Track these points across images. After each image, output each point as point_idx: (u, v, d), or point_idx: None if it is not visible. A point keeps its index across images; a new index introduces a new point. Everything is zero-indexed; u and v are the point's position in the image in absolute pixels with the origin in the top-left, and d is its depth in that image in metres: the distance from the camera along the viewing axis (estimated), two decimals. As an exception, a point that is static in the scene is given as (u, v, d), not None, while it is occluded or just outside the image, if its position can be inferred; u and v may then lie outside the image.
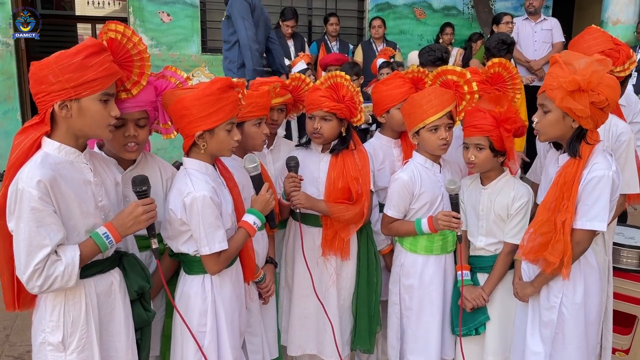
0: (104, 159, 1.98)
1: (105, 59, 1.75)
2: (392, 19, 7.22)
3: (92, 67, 1.70)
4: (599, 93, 1.97)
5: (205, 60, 6.68)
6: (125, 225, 1.82)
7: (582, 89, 1.97)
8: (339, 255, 2.60)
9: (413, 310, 2.54)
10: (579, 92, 1.98)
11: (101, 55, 1.74)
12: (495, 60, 2.71)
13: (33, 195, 1.63)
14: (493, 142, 2.34)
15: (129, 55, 1.92)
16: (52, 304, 1.78)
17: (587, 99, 1.98)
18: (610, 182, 2.06)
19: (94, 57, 1.71)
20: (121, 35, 1.88)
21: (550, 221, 2.11)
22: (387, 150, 2.79)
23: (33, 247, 1.65)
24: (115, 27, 1.88)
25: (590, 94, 1.98)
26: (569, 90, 1.98)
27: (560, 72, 2.03)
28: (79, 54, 1.69)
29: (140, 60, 1.95)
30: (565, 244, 2.07)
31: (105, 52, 1.77)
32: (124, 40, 1.90)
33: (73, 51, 1.70)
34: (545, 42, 6.28)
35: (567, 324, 2.18)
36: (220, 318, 2.05)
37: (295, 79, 2.73)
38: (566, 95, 1.99)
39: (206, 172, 2.04)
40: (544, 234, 2.13)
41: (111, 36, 1.87)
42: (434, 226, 2.43)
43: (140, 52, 1.94)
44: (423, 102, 2.38)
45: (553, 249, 2.09)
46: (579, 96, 1.99)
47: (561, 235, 2.07)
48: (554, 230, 2.09)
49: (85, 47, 1.72)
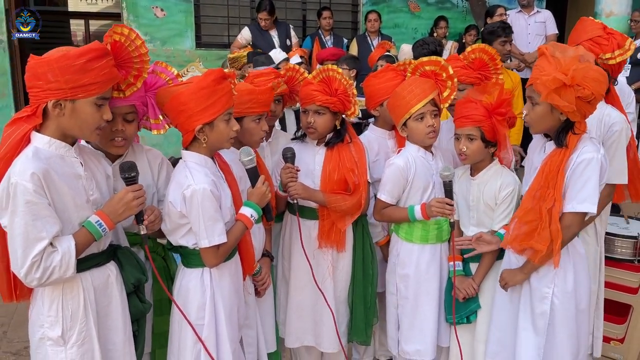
0: (94, 153, 1.98)
1: (107, 64, 1.76)
2: (387, 13, 7.21)
3: (92, 70, 1.70)
4: (584, 87, 1.99)
5: (200, 55, 6.65)
6: (117, 212, 1.83)
7: (566, 84, 1.98)
8: (335, 248, 2.61)
9: (409, 299, 2.56)
10: (564, 88, 1.99)
11: (103, 60, 1.74)
12: (474, 46, 2.74)
13: (27, 188, 1.63)
14: (484, 132, 2.35)
15: (129, 57, 1.93)
16: (50, 299, 1.78)
17: (572, 94, 2.00)
18: (598, 164, 2.08)
19: (96, 61, 1.71)
20: (125, 37, 1.90)
21: (535, 209, 2.13)
22: (382, 142, 2.81)
23: (30, 241, 1.65)
24: (121, 30, 1.90)
25: (575, 88, 1.99)
26: (552, 87, 1.99)
27: (546, 65, 2.05)
28: (82, 57, 1.69)
29: (139, 62, 1.97)
30: (552, 232, 2.08)
31: (108, 57, 1.78)
32: (127, 43, 1.91)
33: (76, 53, 1.69)
34: (539, 35, 6.28)
35: (557, 313, 2.19)
36: (219, 311, 2.06)
37: (290, 70, 2.73)
38: (551, 92, 2.00)
39: (205, 165, 2.04)
40: (528, 222, 2.14)
41: (115, 39, 1.89)
42: (427, 213, 2.45)
43: (140, 54, 1.96)
44: (405, 94, 2.41)
45: (539, 237, 2.10)
46: (565, 92, 2.00)
47: (547, 223, 2.08)
48: (540, 219, 2.10)
49: (89, 50, 1.72)
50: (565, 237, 2.12)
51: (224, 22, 6.93)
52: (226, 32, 6.97)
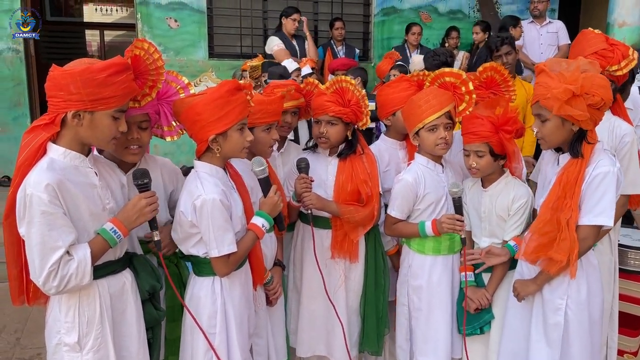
0: (108, 163, 2.02)
1: (127, 78, 1.80)
2: (398, 23, 7.24)
3: (113, 85, 1.75)
4: (593, 95, 2.00)
5: (212, 65, 6.71)
6: (131, 219, 1.86)
7: (576, 94, 1.99)
8: (347, 258, 2.63)
9: (422, 311, 2.56)
10: (574, 98, 2.01)
11: (124, 74, 1.79)
12: (486, 65, 2.73)
13: (42, 199, 1.66)
14: (493, 147, 2.36)
15: (146, 69, 1.98)
16: (67, 305, 1.82)
17: (583, 103, 2.01)
18: (615, 178, 2.08)
19: (117, 75, 1.76)
20: (144, 52, 1.96)
21: (553, 220, 2.13)
22: (393, 152, 2.82)
23: (47, 250, 1.68)
24: (141, 44, 1.96)
25: (585, 97, 2.00)
26: (565, 99, 2.00)
27: (549, 81, 2.06)
28: (104, 71, 1.73)
29: (155, 75, 2.02)
30: (571, 241, 2.08)
31: (128, 71, 1.82)
32: (146, 57, 1.97)
33: (99, 67, 1.73)
34: (551, 45, 6.27)
35: (571, 324, 2.19)
36: (229, 320, 2.08)
37: (309, 84, 2.75)
38: (563, 104, 2.01)
39: (217, 175, 2.07)
40: (546, 233, 2.14)
41: (136, 53, 1.94)
42: (437, 229, 2.45)
43: (157, 67, 2.01)
44: (421, 103, 2.41)
45: (559, 248, 2.09)
46: (575, 102, 2.01)
47: (567, 233, 2.08)
48: (558, 229, 2.10)
49: (111, 64, 1.76)
50: (581, 248, 2.12)
51: (236, 32, 6.99)
52: (238, 43, 7.03)
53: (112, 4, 10.19)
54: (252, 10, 7.00)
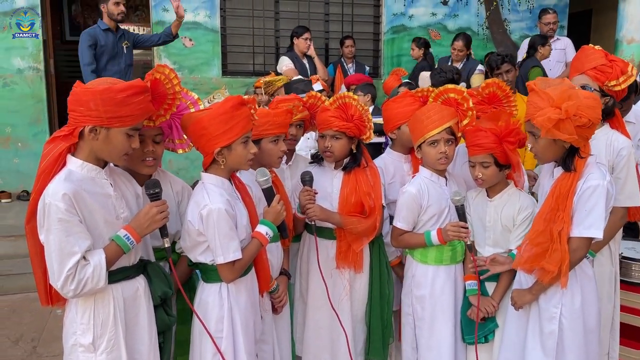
0: (124, 174, 2.13)
1: (144, 99, 1.92)
2: (407, 41, 7.36)
3: (131, 105, 1.86)
4: (580, 117, 2.06)
5: (225, 83, 6.86)
6: (143, 226, 1.97)
7: (562, 118, 2.05)
8: (352, 268, 2.69)
9: (425, 321, 2.61)
10: (562, 122, 2.06)
11: (142, 96, 1.90)
12: (489, 81, 2.79)
13: (60, 207, 1.78)
14: (497, 157, 2.42)
15: (164, 93, 2.12)
16: (83, 308, 1.92)
17: (571, 125, 2.07)
18: (604, 191, 2.14)
19: (135, 96, 1.88)
20: (165, 77, 2.10)
21: (546, 231, 2.19)
22: (398, 165, 2.89)
23: (64, 255, 1.79)
24: (162, 70, 2.11)
25: (573, 119, 2.06)
26: (551, 125, 2.06)
27: (538, 100, 2.12)
28: (124, 92, 1.85)
29: (172, 99, 2.15)
30: (562, 252, 2.14)
31: (146, 93, 1.94)
32: (166, 82, 2.11)
33: (119, 87, 1.85)
34: (560, 62, 6.37)
35: (566, 333, 2.23)
36: (236, 324, 2.16)
37: (312, 97, 2.85)
38: (551, 129, 2.07)
39: (222, 186, 2.16)
40: (539, 244, 2.20)
41: (157, 77, 2.08)
42: (443, 237, 2.52)
43: (174, 92, 2.15)
44: (423, 118, 2.50)
45: (550, 258, 2.16)
46: (563, 125, 2.07)
47: (558, 244, 2.14)
48: (551, 240, 2.17)
49: (131, 86, 1.88)
50: (573, 259, 2.17)
51: (249, 51, 7.16)
52: (251, 61, 7.20)
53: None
54: (264, 29, 7.18)
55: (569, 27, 8.03)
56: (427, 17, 7.50)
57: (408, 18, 7.43)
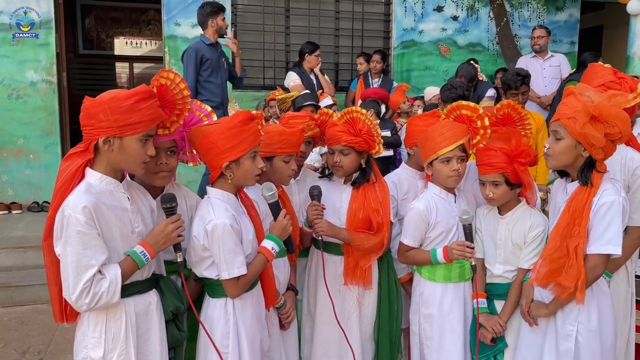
0: (140, 188, 2.13)
1: (152, 105, 1.92)
2: (417, 56, 7.38)
3: (139, 111, 1.86)
4: (613, 125, 2.05)
5: (236, 97, 6.89)
6: (158, 243, 1.97)
7: (597, 119, 2.05)
8: (361, 285, 2.66)
9: (434, 340, 2.57)
10: (594, 122, 2.06)
11: (149, 101, 1.90)
12: (504, 102, 2.74)
13: (79, 220, 1.77)
14: (508, 177, 2.40)
15: (173, 99, 2.11)
16: (95, 321, 1.91)
17: (602, 129, 2.06)
18: (620, 207, 2.12)
19: (143, 102, 1.88)
20: (170, 81, 2.09)
21: (562, 247, 2.16)
22: (412, 182, 2.87)
23: (81, 268, 1.79)
24: (167, 74, 2.09)
25: (605, 125, 2.05)
26: (587, 118, 2.05)
27: (575, 102, 2.11)
28: (130, 99, 1.85)
29: (182, 104, 2.14)
30: (578, 268, 2.11)
31: (153, 98, 1.94)
32: (172, 86, 2.09)
33: (125, 95, 1.86)
34: (554, 78, 6.46)
35: (582, 351, 2.19)
36: (242, 340, 2.14)
37: (323, 114, 2.85)
38: (586, 122, 2.06)
39: (227, 201, 2.16)
40: (555, 259, 2.18)
41: (162, 82, 2.07)
42: (448, 256, 2.49)
43: (183, 97, 2.14)
44: (436, 135, 2.48)
45: (567, 274, 2.13)
46: (595, 125, 2.06)
47: (574, 260, 2.11)
48: (567, 256, 2.14)
49: (137, 92, 1.88)
50: (590, 277, 2.14)
51: (259, 65, 7.20)
52: (261, 75, 7.24)
53: (141, 38, 10.58)
54: (274, 44, 7.22)
55: (580, 43, 8.00)
56: (437, 33, 7.51)
57: (418, 33, 7.44)
